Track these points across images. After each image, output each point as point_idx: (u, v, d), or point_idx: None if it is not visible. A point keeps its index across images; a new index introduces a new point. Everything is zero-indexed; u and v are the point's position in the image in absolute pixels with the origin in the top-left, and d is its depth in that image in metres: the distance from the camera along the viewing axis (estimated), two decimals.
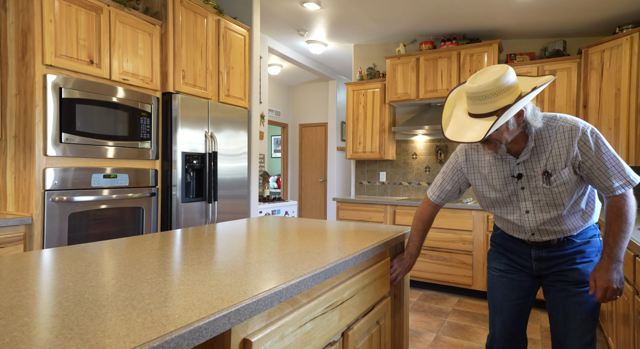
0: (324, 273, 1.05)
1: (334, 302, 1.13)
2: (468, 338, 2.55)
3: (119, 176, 2.40)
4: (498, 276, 1.47)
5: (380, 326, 1.48)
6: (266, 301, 0.83)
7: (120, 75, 2.40)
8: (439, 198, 1.54)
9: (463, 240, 3.42)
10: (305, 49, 5.09)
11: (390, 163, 4.48)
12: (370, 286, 1.38)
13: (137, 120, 2.50)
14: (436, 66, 3.78)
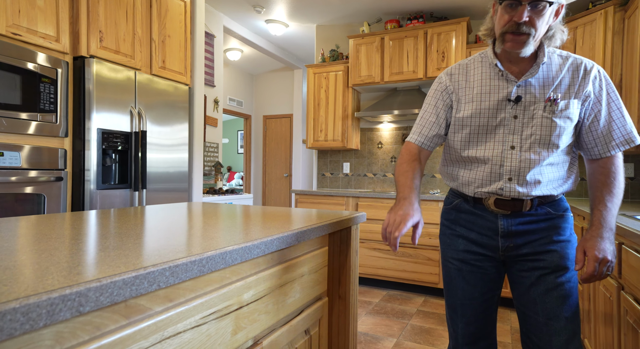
0: (201, 261, 0.68)
1: (223, 307, 0.75)
2: (432, 342, 2.24)
3: (7, 155, 1.93)
4: (456, 269, 1.17)
5: (310, 337, 1.12)
6: (40, 306, 0.44)
7: (8, 29, 1.93)
8: (422, 136, 1.19)
9: (429, 234, 3.13)
10: (265, 30, 4.69)
11: (355, 153, 4.16)
12: (294, 283, 1.02)
13: (35, 87, 2.04)
14: (402, 46, 3.48)
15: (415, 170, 1.15)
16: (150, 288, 0.59)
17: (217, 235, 0.89)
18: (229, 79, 6.40)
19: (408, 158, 1.18)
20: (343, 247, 1.42)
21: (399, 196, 1.10)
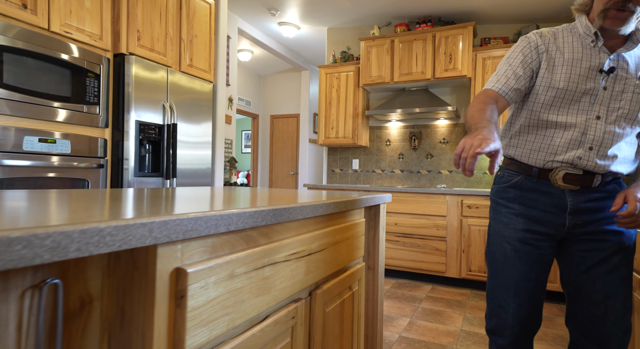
0: (289, 210, 0.86)
1: (299, 251, 0.94)
2: (443, 322, 2.42)
3: (59, 142, 2.10)
4: (513, 250, 1.13)
5: (353, 293, 1.30)
6: (208, 223, 0.63)
7: (61, 27, 2.11)
8: (506, 86, 1.11)
9: (437, 226, 3.32)
10: (277, 32, 4.89)
11: (364, 150, 4.35)
12: (343, 244, 1.20)
13: (82, 81, 2.21)
14: (411, 48, 3.69)
15: (492, 109, 1.04)
16: (260, 223, 0.77)
17: (284, 200, 1.08)
18: (239, 79, 6.59)
19: (484, 99, 1.09)
20: (372, 223, 1.61)
21: (475, 127, 0.96)
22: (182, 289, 0.60)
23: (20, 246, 0.38)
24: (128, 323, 0.58)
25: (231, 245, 0.73)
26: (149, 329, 0.56)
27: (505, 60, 1.17)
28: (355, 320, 1.32)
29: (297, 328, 0.93)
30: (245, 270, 0.73)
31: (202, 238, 0.65)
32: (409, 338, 2.16)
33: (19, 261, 0.38)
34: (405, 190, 3.42)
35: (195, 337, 0.62)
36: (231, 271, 0.70)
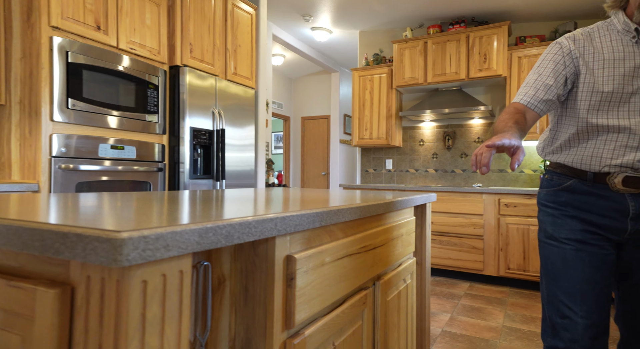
0: (361, 209, 0.99)
1: (367, 245, 1.06)
2: (484, 318, 2.48)
3: (126, 149, 2.32)
4: (574, 250, 1.05)
5: (407, 286, 1.41)
6: (309, 219, 0.76)
7: (127, 44, 2.33)
8: (535, 99, 1.08)
9: (474, 225, 3.36)
10: (310, 37, 5.04)
11: (397, 150, 4.42)
12: (398, 240, 1.31)
13: (144, 92, 2.43)
14: (444, 49, 3.73)
15: (516, 119, 1.03)
16: (341, 219, 0.90)
17: (345, 200, 1.20)
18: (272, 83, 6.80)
19: (511, 110, 1.08)
20: (419, 221, 1.71)
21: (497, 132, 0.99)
22: (292, 272, 0.73)
23: (211, 233, 0.52)
24: (251, 298, 0.72)
25: (320, 238, 0.86)
26: (270, 304, 0.70)
27: (534, 69, 1.13)
28: (409, 311, 1.43)
29: (366, 313, 1.06)
30: (330, 259, 0.86)
31: (302, 232, 0.79)
32: (451, 332, 2.24)
33: (210, 244, 0.52)
34: (441, 189, 3.47)
35: (300, 312, 0.75)
36: (322, 260, 0.83)
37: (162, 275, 0.48)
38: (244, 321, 0.73)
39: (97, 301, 0.46)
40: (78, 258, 0.43)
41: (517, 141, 0.89)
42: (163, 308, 0.48)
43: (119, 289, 0.44)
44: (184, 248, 0.48)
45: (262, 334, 0.71)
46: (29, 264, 0.55)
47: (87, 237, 0.43)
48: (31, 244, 0.47)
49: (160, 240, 0.45)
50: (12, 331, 0.53)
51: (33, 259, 0.55)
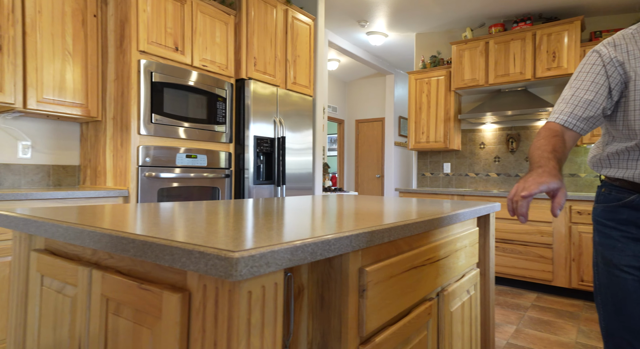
0: (426, 223, 1.02)
1: (431, 257, 1.09)
2: (554, 332, 2.35)
3: (199, 157, 2.55)
4: (636, 281, 0.93)
5: (471, 297, 1.41)
6: (379, 235, 0.82)
7: (200, 62, 2.55)
8: (573, 117, 0.97)
9: (541, 232, 3.18)
10: (365, 41, 5.07)
11: (455, 154, 4.31)
12: (461, 252, 1.32)
13: (214, 105, 2.64)
14: (508, 49, 3.57)
15: (553, 145, 0.92)
16: (407, 234, 0.94)
17: (417, 211, 1.24)
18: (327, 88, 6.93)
19: (546, 134, 0.97)
20: (482, 231, 1.69)
21: (531, 168, 0.90)
22: (364, 284, 0.80)
23: (300, 251, 0.60)
24: (327, 306, 0.80)
25: (388, 251, 0.91)
26: (345, 312, 0.77)
27: (571, 83, 1.01)
28: (473, 321, 1.43)
29: (431, 324, 1.09)
30: (397, 272, 0.92)
31: (372, 247, 0.85)
32: (517, 345, 2.16)
33: (298, 261, 0.61)
34: (504, 194, 3.33)
35: (371, 321, 0.81)
36: (390, 273, 0.88)
37: (262, 286, 0.57)
38: (321, 327, 0.80)
39: (212, 306, 0.56)
40: (200, 271, 0.54)
41: (557, 182, 0.80)
42: (263, 314, 0.57)
43: (231, 297, 0.54)
44: (279, 264, 0.57)
45: (337, 339, 0.78)
46: (153, 271, 0.68)
47: (209, 255, 0.53)
48: (162, 257, 0.58)
49: (263, 258, 0.54)
50: (143, 325, 0.66)
51: (156, 267, 0.67)
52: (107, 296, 0.72)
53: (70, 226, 0.74)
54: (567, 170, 3.64)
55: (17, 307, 0.95)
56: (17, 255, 0.95)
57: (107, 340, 0.72)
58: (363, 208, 1.28)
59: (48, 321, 0.86)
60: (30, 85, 2.06)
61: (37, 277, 0.89)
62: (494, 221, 1.72)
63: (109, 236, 0.67)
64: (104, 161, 2.35)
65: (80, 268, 0.78)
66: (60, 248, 0.87)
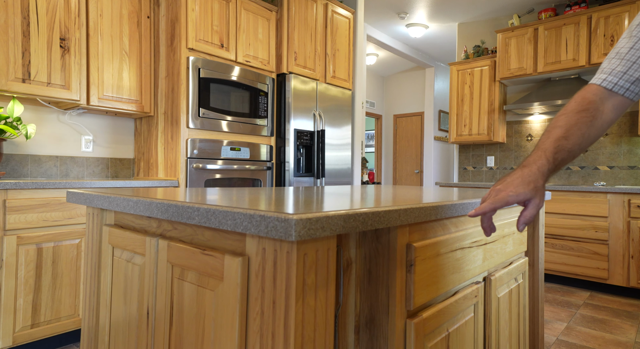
0: (472, 204, 1.02)
1: (478, 240, 1.08)
2: (610, 331, 2.22)
3: (242, 150, 2.64)
4: None
5: (519, 285, 1.37)
6: (426, 212, 0.83)
7: (243, 58, 2.65)
8: (626, 79, 0.75)
9: (595, 228, 2.99)
10: (404, 34, 5.00)
11: (500, 147, 4.14)
12: (509, 238, 1.29)
13: (256, 99, 2.73)
14: (559, 35, 3.38)
15: (568, 128, 0.74)
16: (454, 213, 0.94)
17: (461, 195, 1.23)
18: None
19: (572, 108, 0.77)
20: None
21: (524, 162, 0.77)
22: (411, 259, 0.81)
23: (352, 220, 0.63)
24: (374, 280, 0.82)
25: (434, 230, 0.92)
26: (392, 285, 0.79)
27: (628, 32, 0.77)
28: (522, 311, 1.39)
29: (478, 307, 1.08)
30: (444, 251, 0.92)
31: (419, 224, 0.86)
32: (568, 342, 2.06)
33: (350, 228, 0.63)
34: (555, 188, 3.17)
35: (418, 296, 0.83)
36: (437, 251, 0.89)
37: (316, 250, 0.60)
38: (368, 300, 0.83)
39: (271, 268, 0.60)
40: (261, 233, 0.58)
41: (528, 193, 0.70)
42: (316, 276, 0.60)
43: (289, 259, 0.58)
44: (333, 230, 0.60)
45: (385, 312, 0.80)
46: (213, 239, 0.73)
47: (269, 218, 0.57)
48: (225, 222, 0.63)
49: (318, 222, 0.57)
50: (206, 287, 0.71)
51: (216, 235, 0.73)
52: (172, 263, 0.79)
53: (139, 199, 0.82)
54: (625, 162, 3.40)
55: (91, 278, 1.06)
56: (90, 230, 1.06)
57: (173, 303, 0.79)
58: (405, 193, 1.29)
59: (119, 289, 0.95)
60: (93, 83, 2.23)
61: (109, 249, 0.98)
62: (543, 210, 1.65)
63: (175, 206, 0.73)
64: (155, 154, 2.51)
65: (147, 238, 0.86)
66: (128, 223, 0.96)
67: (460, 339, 0.99)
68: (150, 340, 0.83)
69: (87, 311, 1.06)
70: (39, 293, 1.80)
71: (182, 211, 0.71)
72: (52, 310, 1.85)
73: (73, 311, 1.91)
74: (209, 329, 0.71)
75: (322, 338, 0.62)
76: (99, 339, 1.02)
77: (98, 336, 1.02)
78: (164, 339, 0.80)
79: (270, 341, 0.60)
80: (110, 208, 0.90)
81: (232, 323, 0.66)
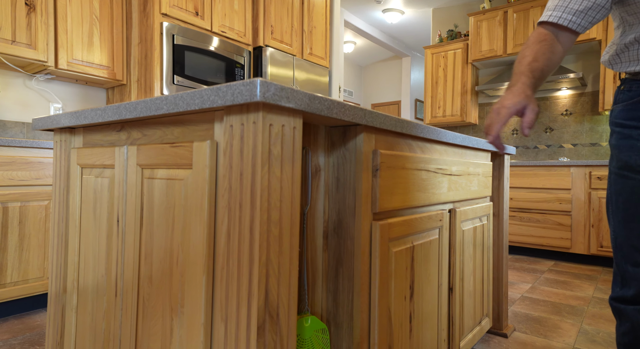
0: (435, 130, 1.06)
1: (444, 168, 1.13)
2: (570, 289, 2.35)
3: None
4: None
5: (483, 226, 1.44)
6: (391, 121, 0.87)
7: (219, 28, 2.64)
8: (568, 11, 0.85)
9: (560, 200, 3.14)
10: (381, 20, 5.07)
11: (472, 128, 4.28)
12: (474, 177, 1.35)
13: (232, 71, 2.72)
14: (527, 17, 3.53)
15: (534, 54, 0.86)
16: (418, 133, 0.99)
17: None
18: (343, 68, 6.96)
19: (532, 41, 0.88)
20: (496, 173, 1.71)
21: (508, 86, 0.88)
22: (377, 164, 0.85)
23: (317, 101, 0.66)
24: (342, 186, 0.85)
25: (400, 146, 0.96)
26: (359, 188, 0.82)
27: None
28: (485, 252, 1.46)
29: (442, 232, 1.13)
30: (410, 167, 0.96)
31: (385, 135, 0.90)
32: (532, 297, 2.17)
33: (316, 109, 0.66)
34: (522, 163, 3.31)
35: (382, 200, 0.86)
36: (402, 164, 0.93)
37: (282, 125, 0.63)
38: (336, 206, 0.86)
39: (238, 142, 0.62)
40: (228, 102, 0.60)
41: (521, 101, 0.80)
42: (282, 149, 0.63)
43: (255, 128, 0.60)
44: (298, 103, 0.63)
45: (352, 215, 0.83)
46: (182, 135, 0.74)
47: (234, 85, 0.59)
48: (192, 102, 0.65)
49: (284, 91, 0.60)
50: (175, 178, 0.73)
51: (185, 131, 0.74)
52: (141, 165, 0.80)
53: (107, 106, 0.82)
54: (588, 139, 3.58)
55: (59, 204, 1.04)
56: (58, 157, 1.04)
57: (143, 204, 0.80)
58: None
59: (88, 206, 0.95)
60: (62, 46, 2.17)
61: (77, 171, 0.98)
62: (508, 164, 1.73)
63: (143, 102, 0.74)
64: None
65: (116, 148, 0.86)
66: (97, 142, 0.95)
67: (424, 256, 1.04)
68: (121, 245, 0.84)
69: (55, 239, 1.04)
70: (4, 253, 1.75)
71: (150, 104, 0.72)
72: (20, 271, 1.80)
73: (42, 273, 1.87)
74: (179, 218, 0.72)
75: (287, 215, 0.64)
76: (69, 262, 1.01)
77: (67, 259, 1.01)
78: (134, 240, 0.81)
79: (238, 212, 0.62)
80: (79, 122, 0.89)
81: (201, 204, 0.67)
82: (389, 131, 0.91)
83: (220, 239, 0.64)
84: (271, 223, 0.61)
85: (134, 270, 0.80)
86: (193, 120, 0.72)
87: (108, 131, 0.92)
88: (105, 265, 0.88)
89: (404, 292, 0.94)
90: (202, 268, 0.67)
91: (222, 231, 0.64)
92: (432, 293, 1.08)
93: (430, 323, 1.07)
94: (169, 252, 0.73)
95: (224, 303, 0.63)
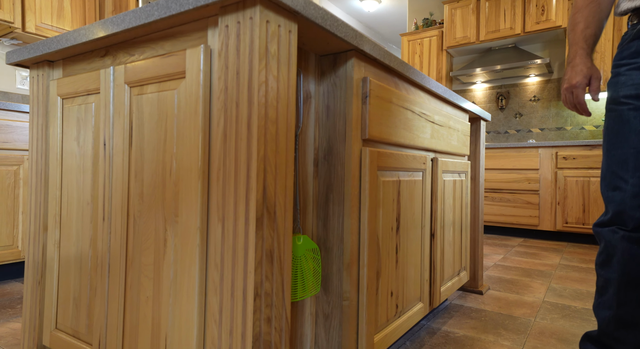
0: (421, 76, 1.09)
1: (427, 114, 1.16)
2: (538, 259, 2.47)
3: None
4: (630, 110, 0.87)
5: (462, 182, 1.49)
6: (380, 50, 0.89)
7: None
8: None
9: (529, 179, 3.29)
10: (358, 9, 5.13)
11: None
12: (454, 133, 1.40)
13: None
14: (499, 5, 3.66)
15: (587, 16, 0.92)
16: (401, 69, 1.01)
17: None
18: None
19: (580, 4, 0.94)
20: (473, 138, 1.77)
21: (568, 60, 0.96)
22: (366, 91, 0.87)
23: (312, 7, 0.67)
24: (332, 113, 0.86)
25: (387, 81, 0.98)
26: (349, 113, 0.84)
27: None
28: (464, 207, 1.52)
29: (425, 176, 1.17)
30: (396, 103, 0.99)
31: (374, 66, 0.92)
32: (504, 265, 2.26)
33: (310, 16, 0.67)
34: (494, 145, 3.44)
35: (372, 127, 0.88)
36: (389, 98, 0.95)
37: (278, 25, 0.63)
38: (326, 133, 0.87)
39: (235, 41, 0.62)
40: None
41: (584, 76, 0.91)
42: (278, 49, 0.63)
43: (252, 24, 0.60)
44: (294, 3, 0.63)
45: (342, 140, 0.85)
46: (173, 47, 0.73)
47: None
48: (186, 1, 0.64)
49: None
50: (168, 89, 0.71)
51: (176, 43, 0.73)
52: (129, 83, 0.78)
53: (91, 24, 0.80)
54: (553, 124, 3.76)
55: (37, 141, 1.00)
56: (36, 93, 1.00)
57: (132, 123, 0.78)
58: None
59: (70, 137, 0.91)
60: (29, 8, 2.07)
61: (58, 102, 0.94)
62: (484, 129, 1.80)
63: (132, 12, 0.72)
64: None
65: (102, 70, 0.83)
66: (80, 71, 0.92)
67: (409, 193, 1.07)
68: (108, 168, 0.81)
69: (34, 174, 1.00)
70: None
71: (139, 13, 0.70)
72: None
73: (11, 241, 1.77)
74: (171, 129, 0.71)
75: (284, 116, 0.64)
76: (50, 197, 0.97)
77: (48, 195, 0.97)
78: (123, 161, 0.79)
79: (235, 111, 0.62)
80: (60, 46, 0.86)
81: (195, 109, 0.67)
82: (378, 63, 0.92)
83: (216, 141, 0.64)
84: (268, 121, 0.61)
85: (123, 190, 0.78)
86: (184, 31, 0.71)
87: (91, 58, 0.89)
88: (92, 191, 0.85)
89: (390, 223, 0.96)
90: (197, 173, 0.66)
91: (217, 133, 0.64)
92: (416, 233, 1.11)
93: (414, 260, 1.11)
94: (161, 165, 0.72)
95: (220, 204, 0.63)
